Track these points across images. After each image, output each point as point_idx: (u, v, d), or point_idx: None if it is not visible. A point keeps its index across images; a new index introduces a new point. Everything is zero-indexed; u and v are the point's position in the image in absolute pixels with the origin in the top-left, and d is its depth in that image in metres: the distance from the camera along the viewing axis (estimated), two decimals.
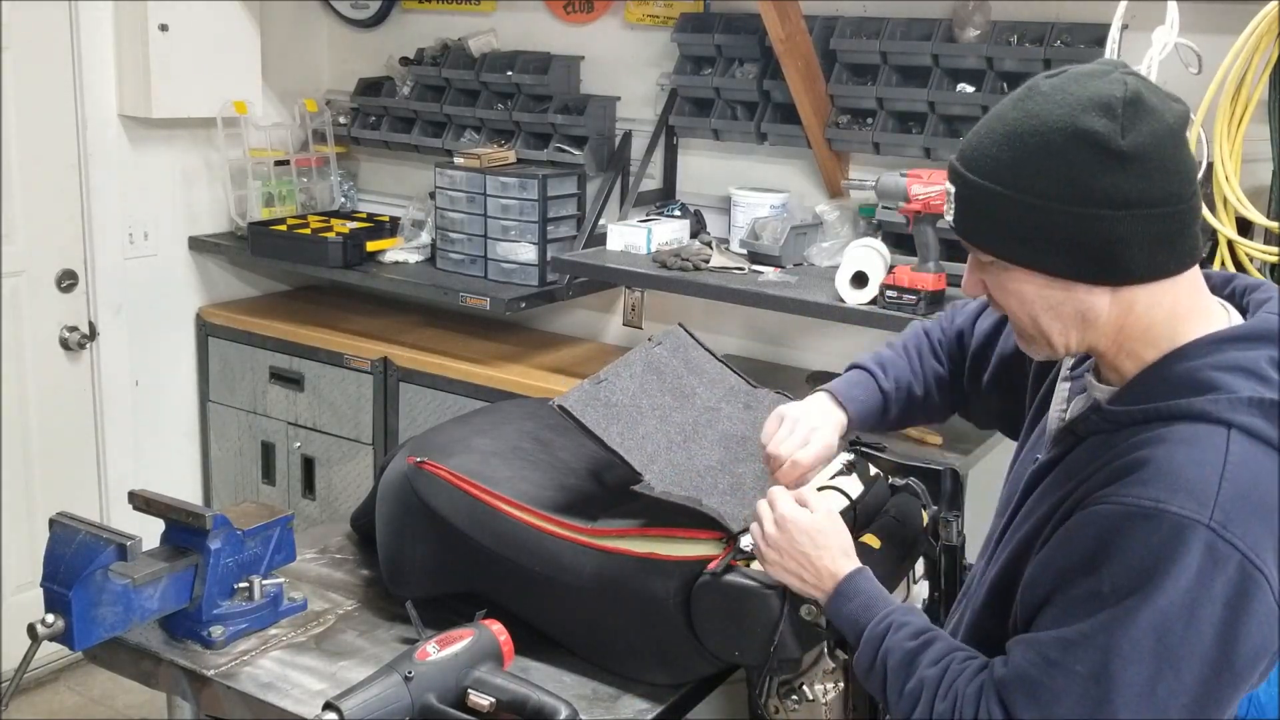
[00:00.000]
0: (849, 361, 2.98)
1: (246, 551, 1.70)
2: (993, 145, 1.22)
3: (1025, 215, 1.20)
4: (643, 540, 1.61)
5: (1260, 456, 1.16)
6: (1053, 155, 1.18)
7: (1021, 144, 1.20)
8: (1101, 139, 1.16)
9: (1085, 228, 1.18)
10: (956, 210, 1.27)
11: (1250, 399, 1.17)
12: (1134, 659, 1.11)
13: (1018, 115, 1.22)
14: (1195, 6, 2.29)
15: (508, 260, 3.20)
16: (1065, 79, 1.22)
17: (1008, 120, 1.22)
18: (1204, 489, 1.12)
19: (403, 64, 3.59)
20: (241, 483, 3.63)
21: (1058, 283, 1.22)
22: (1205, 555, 1.11)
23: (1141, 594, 1.11)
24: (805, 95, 2.82)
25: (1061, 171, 1.17)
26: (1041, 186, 1.18)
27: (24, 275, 3.21)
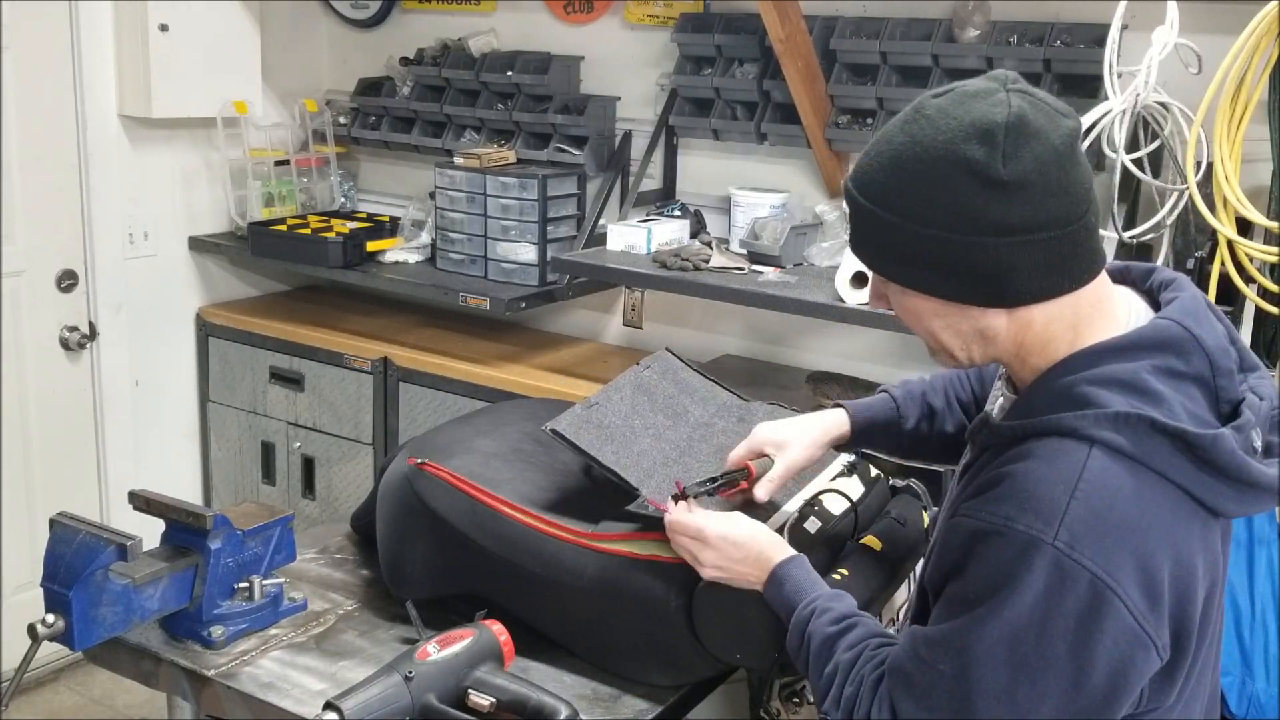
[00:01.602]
0: (849, 361, 2.99)
1: (246, 551, 1.70)
2: (879, 170, 1.22)
3: (911, 241, 1.20)
4: (644, 543, 1.61)
5: (1121, 473, 1.15)
6: (935, 183, 1.17)
7: (905, 170, 1.19)
8: (981, 168, 1.15)
9: (971, 255, 1.17)
10: (851, 229, 1.28)
11: (1117, 414, 1.16)
12: (989, 664, 1.14)
13: (903, 140, 1.21)
14: (1195, 6, 2.29)
15: (508, 260, 3.20)
16: (950, 100, 1.21)
17: (895, 144, 1.22)
18: (1051, 508, 1.13)
19: (403, 64, 3.59)
20: (241, 483, 3.63)
21: (952, 304, 1.23)
22: (1052, 573, 1.12)
23: (993, 604, 1.14)
24: (805, 95, 2.82)
25: (944, 199, 1.17)
26: (925, 213, 1.18)
27: (24, 275, 3.21)
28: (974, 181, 1.15)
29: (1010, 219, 1.15)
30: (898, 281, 1.25)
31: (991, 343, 1.24)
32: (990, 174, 1.15)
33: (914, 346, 2.93)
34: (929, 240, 1.18)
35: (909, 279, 1.23)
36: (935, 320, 1.25)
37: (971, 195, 1.16)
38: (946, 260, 1.19)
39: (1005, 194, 1.15)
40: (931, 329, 1.27)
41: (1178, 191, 2.33)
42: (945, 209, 1.17)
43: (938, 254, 1.19)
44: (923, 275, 1.22)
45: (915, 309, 1.26)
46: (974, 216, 1.16)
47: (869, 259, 1.28)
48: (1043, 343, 1.23)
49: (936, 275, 1.21)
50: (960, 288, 1.21)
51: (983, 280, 1.19)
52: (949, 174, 1.16)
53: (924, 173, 1.18)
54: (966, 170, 1.15)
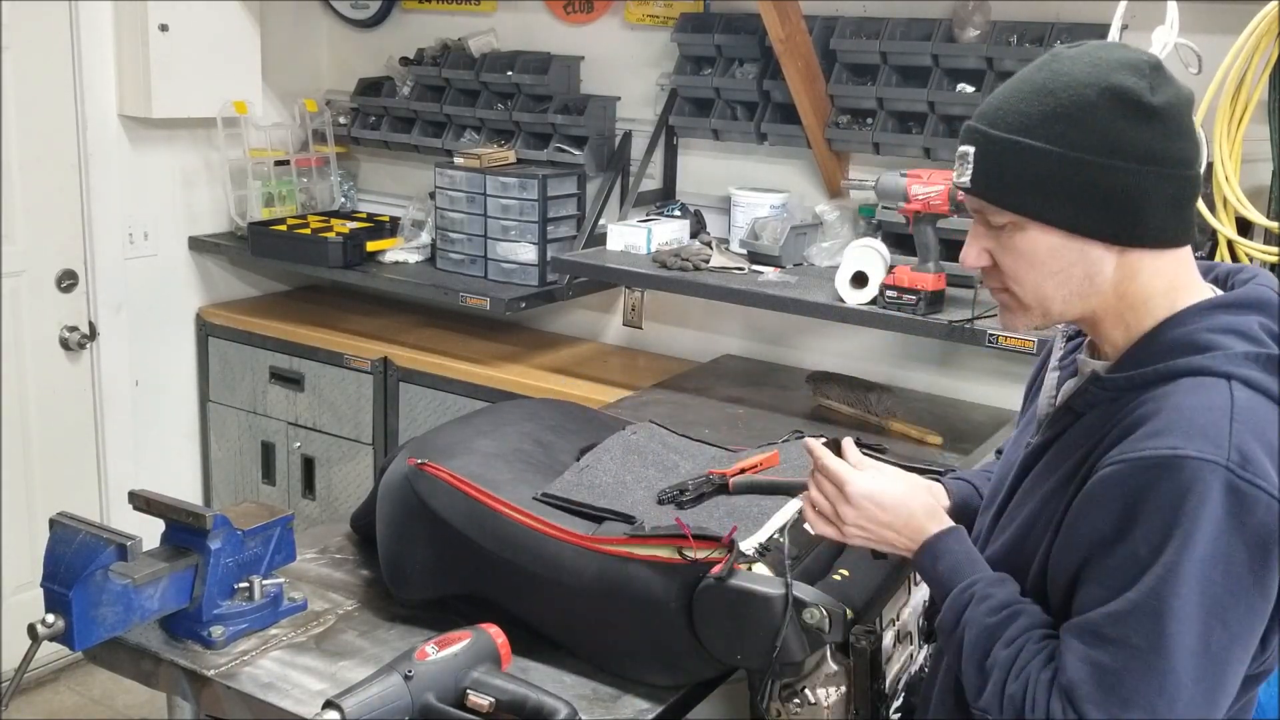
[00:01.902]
0: (849, 361, 2.99)
1: (246, 551, 1.70)
2: (1019, 102, 1.25)
3: (1053, 167, 1.22)
4: (644, 544, 1.61)
5: (1262, 405, 1.18)
6: (1084, 108, 1.21)
7: (1053, 98, 1.23)
8: (1133, 94, 1.20)
9: (1112, 180, 1.21)
10: (976, 169, 1.28)
11: (1246, 353, 1.20)
12: (1185, 618, 1.11)
13: (1046, 75, 1.25)
14: (1195, 6, 2.29)
15: (508, 260, 3.20)
16: (1087, 48, 1.27)
17: (1034, 81, 1.26)
18: (1217, 432, 1.14)
19: (403, 64, 3.59)
20: (241, 483, 3.64)
21: (1073, 241, 1.24)
22: (1229, 497, 1.11)
23: (1174, 548, 1.11)
24: (805, 95, 2.82)
25: (1093, 123, 1.21)
26: (1072, 137, 1.21)
27: (24, 275, 3.21)
28: (1123, 106, 1.20)
29: (1153, 147, 1.21)
30: (1027, 212, 1.25)
31: (1095, 291, 1.26)
32: (1141, 99, 1.20)
33: (914, 346, 2.94)
34: (1071, 164, 1.21)
35: (1041, 209, 1.24)
36: (1050, 263, 1.26)
37: (1120, 120, 1.20)
38: (1085, 185, 1.21)
39: (1150, 121, 1.20)
40: (1041, 275, 1.27)
41: None
42: (1093, 132, 1.21)
43: (1077, 179, 1.21)
44: (1057, 205, 1.23)
45: (1031, 250, 1.26)
46: (1120, 140, 1.20)
47: (1002, 196, 1.27)
48: (1142, 298, 1.26)
49: (1072, 203, 1.22)
50: (1094, 217, 1.23)
51: (1116, 209, 1.22)
52: (1099, 99, 1.21)
53: (1073, 99, 1.22)
54: (1116, 95, 1.21)
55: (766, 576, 1.53)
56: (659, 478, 1.82)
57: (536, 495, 1.72)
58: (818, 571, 1.63)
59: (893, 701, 1.62)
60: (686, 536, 1.56)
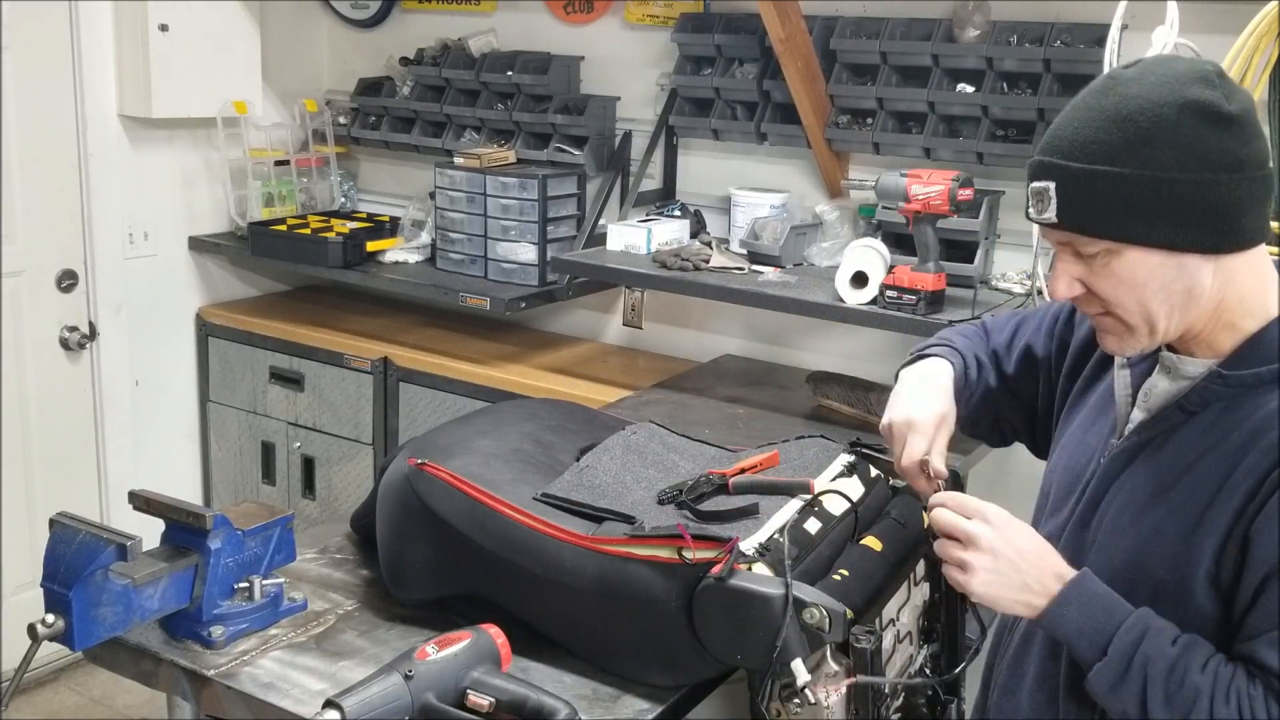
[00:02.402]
0: (849, 361, 2.99)
1: (246, 551, 1.70)
2: (1095, 131, 1.24)
3: (1146, 190, 1.21)
4: (644, 545, 1.61)
5: None
6: (1166, 128, 1.21)
7: (1131, 123, 1.22)
8: (1212, 106, 1.20)
9: (1206, 194, 1.21)
10: (1061, 204, 1.27)
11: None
12: None
13: (1114, 100, 1.24)
14: (1195, 6, 2.29)
15: (508, 260, 3.20)
16: (1145, 66, 1.27)
17: (1104, 108, 1.25)
18: None
19: (403, 64, 3.59)
20: (241, 483, 3.64)
21: (1171, 259, 1.24)
22: None
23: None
24: (805, 95, 2.82)
25: (1178, 142, 1.20)
26: (1160, 158, 1.21)
27: (24, 275, 3.21)
28: (1204, 120, 1.20)
29: (1239, 154, 1.21)
30: (1124, 239, 1.24)
31: (1195, 303, 1.26)
32: (1220, 109, 1.20)
33: (914, 346, 2.93)
34: (1163, 185, 1.21)
35: (1138, 233, 1.23)
36: (1152, 283, 1.25)
37: (1203, 133, 1.20)
38: (1180, 203, 1.21)
39: (1232, 129, 1.21)
40: (1145, 295, 1.26)
41: None
42: (1179, 150, 1.20)
43: (1171, 198, 1.21)
44: (1154, 227, 1.22)
45: (1131, 274, 1.25)
46: (1207, 154, 1.20)
47: (1095, 225, 1.25)
48: (1238, 299, 1.27)
49: (1169, 222, 1.22)
50: (1193, 232, 1.22)
51: (1214, 221, 1.22)
52: (1180, 117, 1.20)
53: (1153, 120, 1.21)
54: (1195, 110, 1.20)
55: (766, 576, 1.53)
56: (659, 478, 1.82)
57: (536, 495, 1.72)
58: (818, 571, 1.62)
59: (893, 701, 1.62)
60: (683, 537, 1.56)
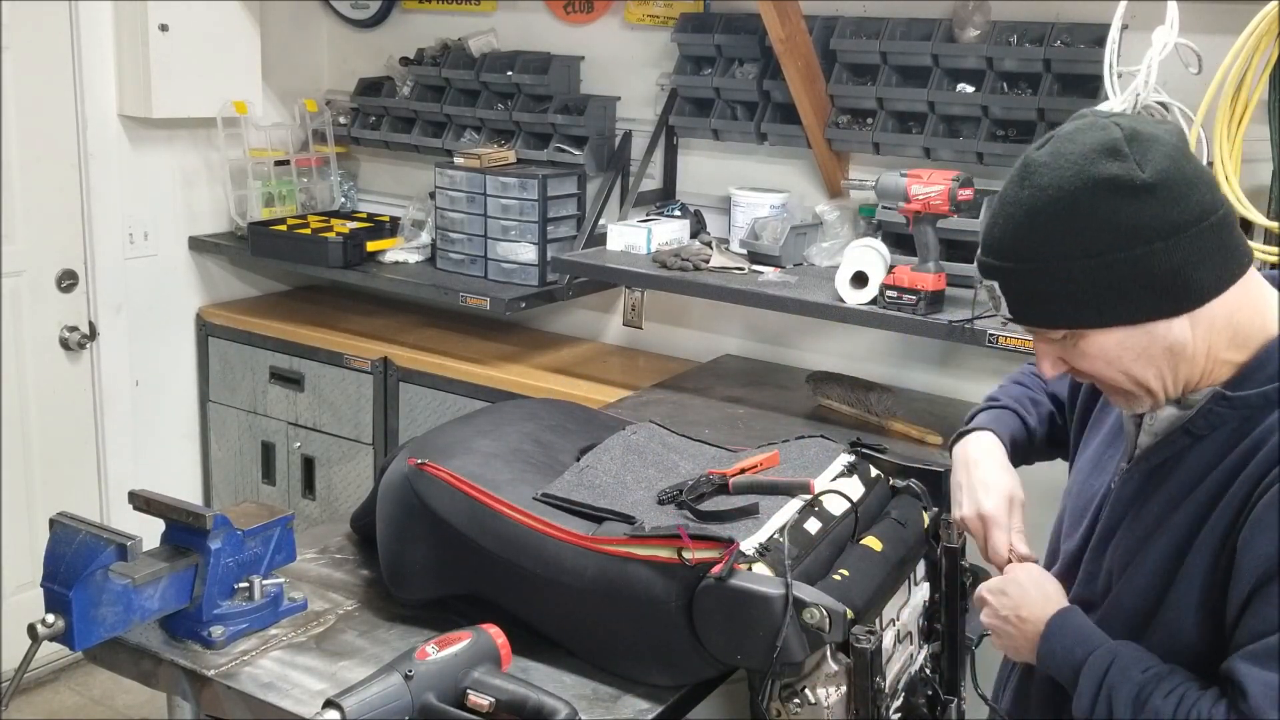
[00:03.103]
0: (849, 361, 2.99)
1: (246, 551, 1.70)
2: (1017, 229, 1.23)
3: (1084, 280, 1.20)
4: (644, 545, 1.61)
5: None
6: (1084, 213, 1.19)
7: (1045, 215, 1.20)
8: (1123, 180, 1.18)
9: (1143, 268, 1.19)
10: (1009, 302, 1.27)
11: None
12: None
13: (1030, 193, 1.22)
14: (1195, 6, 2.29)
15: (508, 260, 3.20)
16: (1057, 143, 1.23)
17: (1021, 202, 1.23)
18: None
19: (403, 64, 3.59)
20: (241, 483, 3.64)
21: (1136, 329, 1.22)
22: None
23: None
24: (805, 95, 2.82)
25: (1099, 224, 1.19)
26: (1088, 245, 1.19)
27: (24, 275, 3.21)
28: (1121, 195, 1.18)
29: (1169, 218, 1.18)
30: (1083, 326, 1.24)
31: (1183, 358, 1.24)
32: (1135, 182, 1.17)
33: (914, 346, 2.94)
34: (1099, 270, 1.19)
35: (1091, 319, 1.23)
36: (1126, 354, 1.24)
37: (1124, 209, 1.18)
38: (1122, 282, 1.19)
39: (1154, 196, 1.18)
40: (1124, 365, 1.25)
41: None
42: (1106, 232, 1.18)
43: (1113, 280, 1.19)
44: (1107, 308, 1.21)
45: (1104, 351, 1.25)
46: (1136, 228, 1.18)
47: (1044, 319, 1.26)
48: (1229, 337, 1.25)
49: (1121, 302, 1.21)
50: (1148, 303, 1.21)
51: (1163, 289, 1.20)
52: (1094, 200, 1.18)
53: (1069, 209, 1.19)
54: (1109, 188, 1.18)
55: (766, 576, 1.53)
56: (659, 478, 1.82)
57: (536, 495, 1.72)
58: (818, 571, 1.62)
59: (893, 701, 1.62)
60: (681, 537, 1.56)
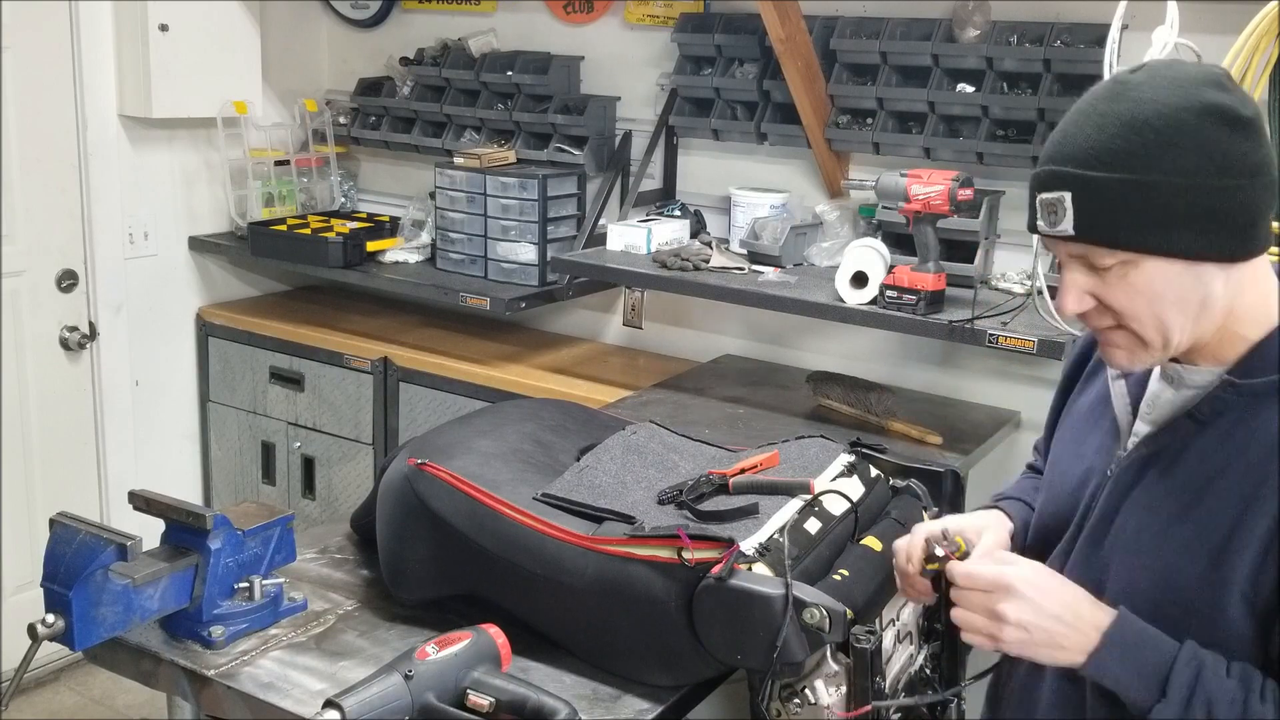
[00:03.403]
0: (849, 361, 2.99)
1: (246, 551, 1.70)
2: (1112, 138, 1.20)
3: (1169, 198, 1.18)
4: (644, 545, 1.61)
5: None
6: (1187, 133, 1.18)
7: (1149, 128, 1.19)
8: (1231, 110, 1.18)
9: (1228, 200, 1.19)
10: (1078, 214, 1.22)
11: None
12: None
13: (1127, 106, 1.20)
14: (1195, 6, 2.29)
15: (508, 260, 3.20)
16: (1153, 69, 1.24)
17: (1117, 113, 1.21)
18: None
19: (403, 64, 3.59)
20: (241, 483, 3.64)
21: (1190, 268, 1.21)
22: None
23: None
24: (805, 95, 2.82)
25: (1199, 147, 1.18)
26: (1182, 164, 1.18)
27: (24, 275, 3.21)
28: (1223, 124, 1.18)
29: (1256, 158, 1.19)
30: (1143, 248, 1.20)
31: (1208, 313, 1.23)
32: (1238, 114, 1.19)
33: (914, 346, 2.94)
34: (1188, 192, 1.18)
35: (1159, 241, 1.20)
36: (1169, 293, 1.22)
37: (1223, 138, 1.18)
38: (1205, 211, 1.18)
39: (1250, 133, 1.19)
40: (1161, 306, 1.23)
41: None
42: (1201, 156, 1.18)
43: (1193, 205, 1.18)
44: (1177, 235, 1.19)
45: (1148, 285, 1.22)
46: (1228, 159, 1.18)
47: (1114, 235, 1.21)
48: (1245, 308, 1.25)
49: (1192, 230, 1.19)
50: (1216, 239, 1.20)
51: (1237, 226, 1.20)
52: (1198, 122, 1.18)
53: (1171, 126, 1.18)
54: (1215, 114, 1.18)
55: (766, 576, 1.53)
56: (659, 478, 1.82)
57: (536, 495, 1.72)
58: (818, 571, 1.63)
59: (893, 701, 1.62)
60: (680, 537, 1.56)
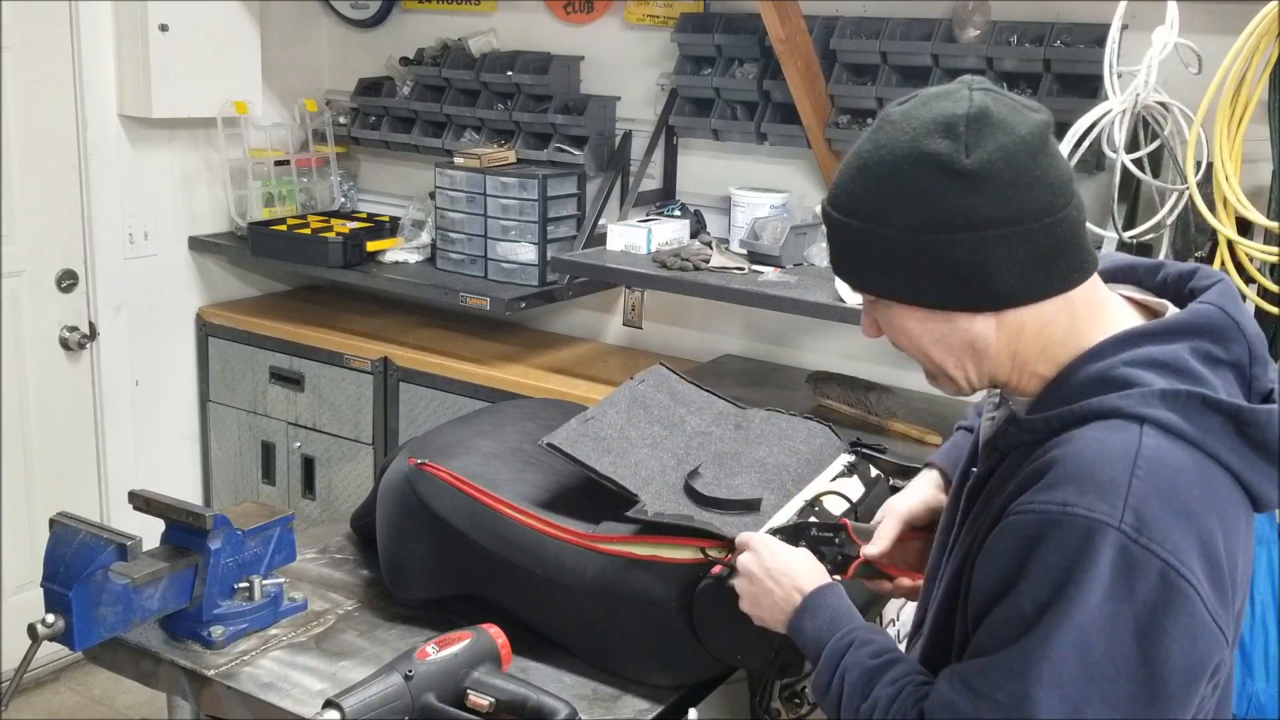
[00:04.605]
0: (849, 361, 2.99)
1: (246, 551, 1.70)
2: (849, 180, 1.20)
3: (888, 247, 1.16)
4: (644, 543, 1.61)
5: (1177, 453, 1.08)
6: (902, 183, 1.14)
7: (872, 175, 1.17)
8: (945, 160, 1.12)
9: (945, 254, 1.13)
10: (830, 248, 1.25)
11: (1164, 391, 1.10)
12: (1054, 682, 1.03)
13: (869, 148, 1.19)
14: (1195, 6, 2.29)
15: (508, 260, 3.20)
16: (914, 104, 1.18)
17: (862, 154, 1.19)
18: (1113, 488, 1.05)
19: (403, 64, 3.59)
20: (241, 483, 3.63)
21: (937, 314, 1.18)
22: (1119, 562, 1.03)
23: (1056, 609, 1.04)
24: (805, 95, 2.82)
25: (911, 199, 1.14)
26: (895, 216, 1.15)
27: (24, 275, 3.21)
28: (939, 175, 1.12)
29: (981, 211, 1.12)
30: (880, 293, 1.21)
31: (984, 356, 1.19)
32: (954, 165, 1.12)
33: None
34: (904, 244, 1.15)
35: (891, 290, 1.19)
36: (925, 336, 1.20)
37: (938, 190, 1.12)
38: (924, 263, 1.14)
39: (972, 185, 1.11)
40: (923, 346, 1.21)
41: (1178, 191, 2.33)
42: (915, 208, 1.14)
43: (915, 257, 1.15)
44: (903, 283, 1.17)
45: (903, 326, 1.21)
46: (944, 212, 1.12)
47: (849, 275, 1.24)
48: (1040, 348, 1.18)
49: (917, 281, 1.16)
50: (942, 292, 1.16)
51: (963, 280, 1.14)
52: (914, 172, 1.14)
53: (890, 174, 1.15)
54: (931, 164, 1.13)
55: None
56: (664, 435, 1.81)
57: (540, 442, 1.70)
58: None
59: None
60: (685, 529, 1.56)
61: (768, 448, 1.85)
